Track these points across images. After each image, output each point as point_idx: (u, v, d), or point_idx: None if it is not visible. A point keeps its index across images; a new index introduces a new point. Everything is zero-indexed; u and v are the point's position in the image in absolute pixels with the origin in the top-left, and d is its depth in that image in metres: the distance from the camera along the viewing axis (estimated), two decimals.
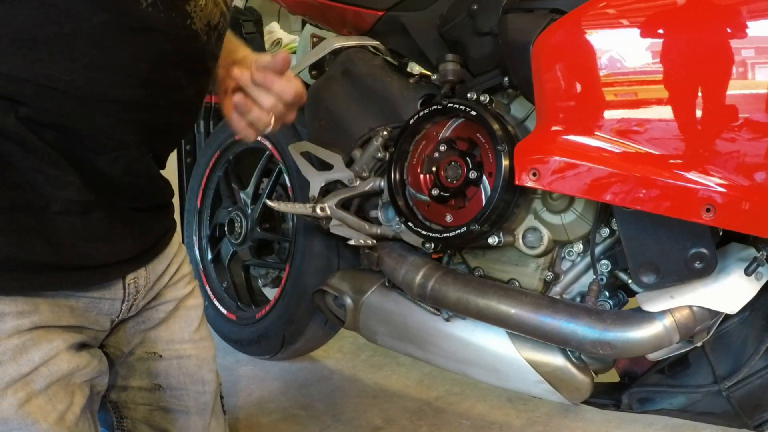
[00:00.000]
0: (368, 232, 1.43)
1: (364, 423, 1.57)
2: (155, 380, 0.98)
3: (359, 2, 1.61)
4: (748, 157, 0.88)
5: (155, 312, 0.97)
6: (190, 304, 1.02)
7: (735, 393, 1.07)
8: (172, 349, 0.98)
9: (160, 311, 0.97)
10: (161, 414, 0.99)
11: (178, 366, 0.99)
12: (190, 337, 1.01)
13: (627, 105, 0.96)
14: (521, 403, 1.66)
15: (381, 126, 1.43)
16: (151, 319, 0.97)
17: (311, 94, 1.67)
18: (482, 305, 1.17)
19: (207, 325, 1.06)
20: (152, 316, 0.97)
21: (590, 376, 1.17)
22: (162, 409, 0.99)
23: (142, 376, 0.97)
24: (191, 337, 1.01)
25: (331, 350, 2.08)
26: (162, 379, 0.98)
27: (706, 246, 0.96)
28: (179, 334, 0.99)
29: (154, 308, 0.97)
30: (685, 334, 1.01)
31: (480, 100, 1.22)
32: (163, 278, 0.96)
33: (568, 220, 1.15)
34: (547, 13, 1.12)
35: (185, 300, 1.01)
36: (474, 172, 1.18)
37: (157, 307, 0.97)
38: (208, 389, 1.02)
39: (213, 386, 1.03)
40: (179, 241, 1.02)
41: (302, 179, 1.60)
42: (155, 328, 0.97)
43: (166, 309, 0.98)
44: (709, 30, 0.91)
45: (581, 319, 1.06)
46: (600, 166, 0.96)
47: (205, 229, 2.16)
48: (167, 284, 0.98)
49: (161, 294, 0.97)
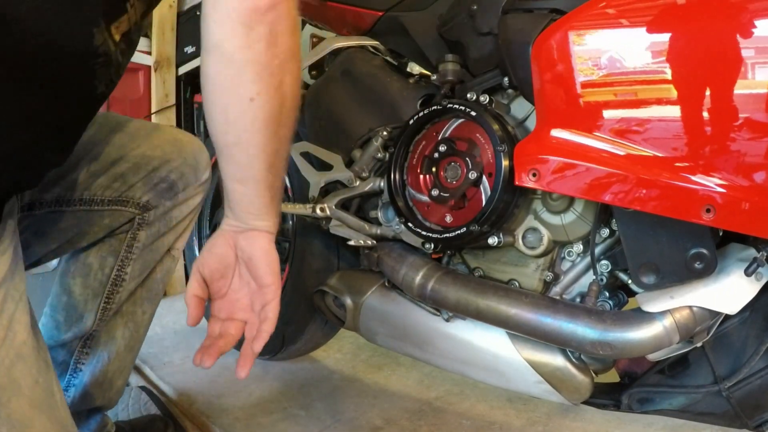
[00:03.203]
0: (368, 232, 1.43)
1: (364, 423, 1.57)
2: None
3: (359, 2, 1.61)
4: (748, 157, 0.87)
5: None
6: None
7: (735, 393, 1.07)
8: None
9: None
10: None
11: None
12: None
13: (627, 105, 0.96)
14: (521, 403, 1.66)
15: (381, 126, 1.43)
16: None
17: (311, 94, 1.67)
18: (482, 306, 1.17)
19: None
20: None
21: (590, 376, 1.17)
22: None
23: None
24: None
25: (331, 350, 2.08)
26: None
27: (706, 246, 0.96)
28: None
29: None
30: (685, 334, 1.01)
31: (480, 100, 1.22)
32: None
33: (568, 220, 1.15)
34: (546, 13, 1.12)
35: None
36: (474, 172, 1.18)
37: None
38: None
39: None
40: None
41: (302, 179, 1.60)
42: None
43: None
44: (708, 30, 0.90)
45: (581, 320, 1.06)
46: (600, 166, 0.96)
47: (205, 229, 2.17)
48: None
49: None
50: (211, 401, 1.69)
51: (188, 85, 2.80)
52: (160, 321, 2.41)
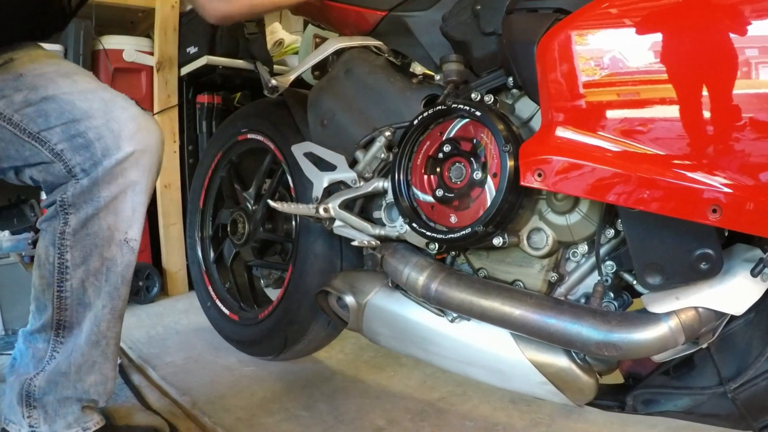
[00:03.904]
0: (371, 232, 1.42)
1: (366, 424, 1.57)
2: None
3: (362, 2, 1.61)
4: (754, 157, 0.87)
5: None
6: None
7: (740, 395, 1.06)
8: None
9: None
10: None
11: None
12: None
13: (632, 105, 0.96)
14: (524, 405, 1.66)
15: (384, 126, 1.43)
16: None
17: (314, 94, 1.67)
18: (486, 306, 1.16)
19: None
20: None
21: (594, 377, 1.16)
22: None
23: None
24: None
25: (334, 351, 2.08)
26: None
27: (711, 247, 0.96)
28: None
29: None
30: (691, 335, 1.01)
31: (484, 100, 1.21)
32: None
33: (573, 221, 1.15)
34: (551, 13, 1.12)
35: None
36: (478, 172, 1.17)
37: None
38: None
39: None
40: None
41: (305, 180, 1.60)
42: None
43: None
44: (714, 29, 0.90)
45: (586, 321, 1.06)
46: (605, 166, 0.95)
47: (208, 229, 2.17)
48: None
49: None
50: (214, 401, 1.69)
51: (191, 86, 2.80)
52: (162, 321, 2.42)
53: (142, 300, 2.64)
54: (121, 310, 1.30)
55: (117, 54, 2.64)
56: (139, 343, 2.17)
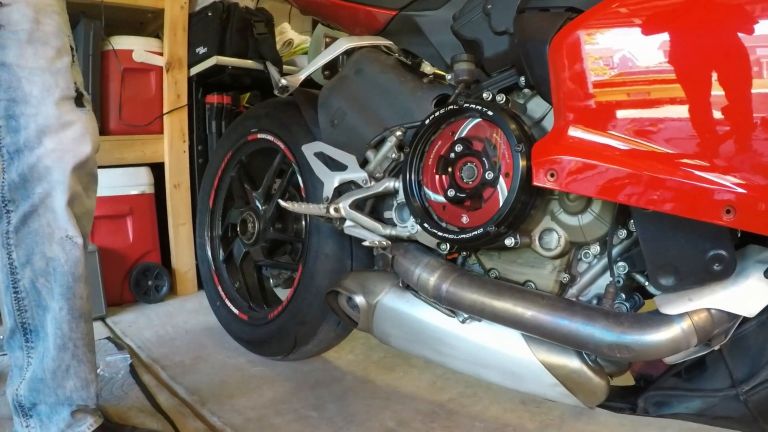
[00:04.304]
0: (382, 233, 1.42)
1: (376, 425, 1.56)
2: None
3: (372, 2, 1.61)
4: (767, 157, 0.86)
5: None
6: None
7: (752, 397, 1.06)
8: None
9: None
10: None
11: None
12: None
13: (645, 104, 0.95)
14: (534, 406, 1.65)
15: (395, 126, 1.42)
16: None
17: (324, 94, 1.67)
18: (498, 307, 1.16)
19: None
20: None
21: (606, 379, 1.16)
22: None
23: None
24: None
25: (343, 351, 2.08)
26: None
27: (725, 248, 0.95)
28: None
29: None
30: (704, 337, 1.00)
31: (496, 99, 1.21)
32: None
33: (585, 221, 1.14)
34: (563, 12, 1.11)
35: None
36: (490, 172, 1.17)
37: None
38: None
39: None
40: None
41: (315, 180, 1.60)
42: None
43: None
44: (725, 28, 0.89)
45: (598, 322, 1.05)
46: (618, 166, 0.95)
47: (218, 229, 2.17)
48: None
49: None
50: (223, 402, 1.69)
51: (200, 86, 2.81)
52: (171, 321, 2.42)
53: (152, 300, 2.64)
54: (81, 309, 1.28)
55: (126, 54, 2.64)
56: (149, 342, 2.17)
